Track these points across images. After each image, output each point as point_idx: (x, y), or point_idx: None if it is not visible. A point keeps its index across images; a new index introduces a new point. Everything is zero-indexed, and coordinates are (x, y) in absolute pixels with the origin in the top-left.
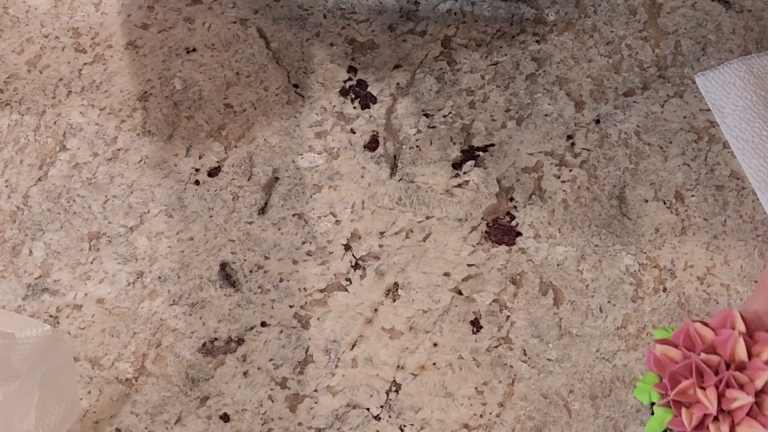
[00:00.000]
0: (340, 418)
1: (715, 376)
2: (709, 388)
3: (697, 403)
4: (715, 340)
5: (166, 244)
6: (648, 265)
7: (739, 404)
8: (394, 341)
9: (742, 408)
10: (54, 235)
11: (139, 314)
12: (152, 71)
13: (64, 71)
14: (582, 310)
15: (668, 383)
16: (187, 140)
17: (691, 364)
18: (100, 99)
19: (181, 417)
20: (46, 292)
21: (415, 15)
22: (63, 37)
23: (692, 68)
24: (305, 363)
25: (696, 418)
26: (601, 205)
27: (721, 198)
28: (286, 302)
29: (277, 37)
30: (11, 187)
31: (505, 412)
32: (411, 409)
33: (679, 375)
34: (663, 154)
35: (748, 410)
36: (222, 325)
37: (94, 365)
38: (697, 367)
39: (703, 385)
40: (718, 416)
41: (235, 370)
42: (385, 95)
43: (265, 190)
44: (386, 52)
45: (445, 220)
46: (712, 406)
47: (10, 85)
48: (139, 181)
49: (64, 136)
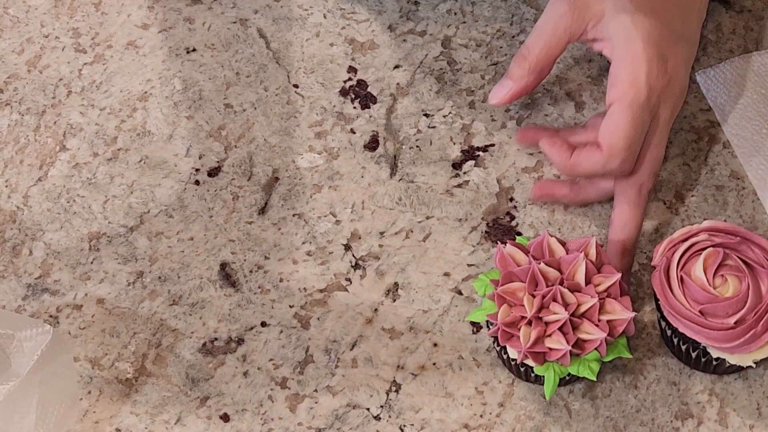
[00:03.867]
0: (340, 418)
1: (546, 288)
2: (536, 296)
3: (519, 305)
4: (563, 258)
5: (166, 244)
6: (648, 265)
7: (555, 318)
8: (394, 341)
9: (556, 322)
10: (54, 235)
11: (139, 314)
12: (152, 71)
13: (64, 71)
14: None
15: (501, 280)
16: (188, 140)
17: (528, 270)
18: (100, 99)
19: (181, 417)
20: (46, 292)
21: (415, 15)
22: (63, 37)
23: (692, 68)
24: (305, 363)
25: (511, 317)
26: (601, 204)
27: (721, 198)
28: (286, 302)
29: (277, 37)
30: (11, 187)
31: (505, 412)
32: (411, 409)
33: (515, 276)
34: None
35: (561, 325)
36: (222, 325)
37: (94, 365)
38: (533, 273)
39: (532, 292)
40: (533, 321)
41: (235, 370)
42: (385, 95)
43: (265, 190)
44: (386, 52)
45: (445, 220)
46: (529, 310)
47: (10, 85)
48: (139, 181)
49: (64, 136)
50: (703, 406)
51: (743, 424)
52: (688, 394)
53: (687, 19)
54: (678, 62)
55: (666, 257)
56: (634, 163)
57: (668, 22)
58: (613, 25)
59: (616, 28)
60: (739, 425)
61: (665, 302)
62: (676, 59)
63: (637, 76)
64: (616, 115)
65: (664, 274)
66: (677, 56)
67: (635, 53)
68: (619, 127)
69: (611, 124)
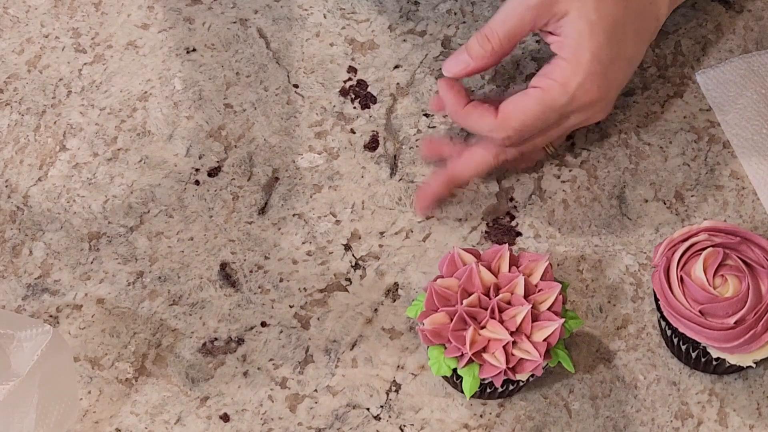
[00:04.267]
0: (340, 418)
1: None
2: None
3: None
4: (501, 277)
5: (166, 244)
6: (648, 265)
7: (495, 336)
8: (394, 341)
9: (498, 341)
10: (54, 235)
11: (139, 314)
12: (152, 71)
13: (64, 71)
14: (582, 310)
15: (430, 336)
16: (187, 140)
17: (456, 312)
18: (100, 99)
19: (181, 417)
20: (46, 292)
21: (415, 15)
22: (63, 37)
23: (692, 68)
24: (305, 363)
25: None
26: (601, 205)
27: (721, 198)
28: (286, 302)
29: (277, 37)
30: (11, 187)
31: (505, 412)
32: (411, 409)
33: (443, 302)
34: (663, 154)
35: (503, 344)
36: (222, 325)
37: (94, 365)
38: (460, 316)
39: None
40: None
41: (235, 370)
42: (385, 95)
43: (265, 190)
44: (386, 52)
45: (445, 220)
46: (468, 349)
47: (10, 85)
48: (139, 181)
49: (64, 136)
50: (703, 406)
51: (743, 424)
52: (688, 394)
53: (639, 44)
54: (613, 84)
55: (666, 257)
56: (517, 143)
57: (622, 43)
58: (570, 27)
59: (572, 31)
60: (739, 425)
61: (665, 302)
62: (613, 81)
63: (570, 81)
64: (529, 99)
65: (665, 275)
66: (616, 79)
67: (579, 61)
68: (524, 109)
69: (519, 103)
